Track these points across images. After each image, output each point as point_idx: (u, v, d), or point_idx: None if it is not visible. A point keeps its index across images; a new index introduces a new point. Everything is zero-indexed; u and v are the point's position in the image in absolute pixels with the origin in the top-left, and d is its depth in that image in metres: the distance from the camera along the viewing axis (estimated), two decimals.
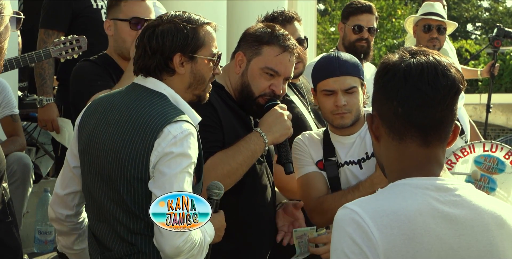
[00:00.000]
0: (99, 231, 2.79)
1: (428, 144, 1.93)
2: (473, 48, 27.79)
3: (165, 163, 2.61)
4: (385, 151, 1.99)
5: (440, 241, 1.84)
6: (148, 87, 2.78)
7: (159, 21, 2.81)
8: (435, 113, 1.92)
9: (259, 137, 3.15)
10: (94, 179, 2.76)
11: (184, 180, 2.62)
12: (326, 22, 29.52)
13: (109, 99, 2.84)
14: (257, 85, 3.25)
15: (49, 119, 4.83)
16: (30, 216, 5.63)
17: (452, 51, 6.63)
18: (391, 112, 1.93)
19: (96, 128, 2.79)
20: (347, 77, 3.29)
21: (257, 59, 3.25)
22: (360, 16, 5.00)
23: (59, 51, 4.38)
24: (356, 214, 1.84)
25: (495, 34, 6.96)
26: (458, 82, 1.93)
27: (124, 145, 2.68)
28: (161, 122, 2.65)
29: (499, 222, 1.91)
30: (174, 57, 2.77)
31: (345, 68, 3.29)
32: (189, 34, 2.78)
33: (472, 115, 17.89)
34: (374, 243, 1.81)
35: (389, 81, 1.94)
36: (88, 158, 2.80)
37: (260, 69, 3.24)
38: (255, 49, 3.26)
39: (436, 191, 1.89)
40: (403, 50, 1.98)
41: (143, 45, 2.79)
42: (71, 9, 4.83)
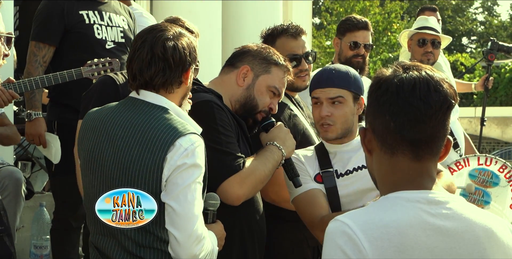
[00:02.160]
0: (103, 245, 2.77)
1: (420, 158, 1.95)
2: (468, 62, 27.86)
3: (178, 174, 2.64)
4: (377, 164, 2.01)
5: (431, 253, 1.85)
6: (149, 102, 2.78)
7: (170, 34, 2.79)
8: (427, 128, 1.93)
9: (278, 149, 3.29)
10: (98, 193, 2.74)
11: (196, 190, 2.67)
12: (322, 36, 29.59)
13: (107, 114, 2.82)
14: (263, 101, 3.38)
15: (36, 133, 4.81)
16: (25, 230, 5.62)
17: (446, 65, 6.65)
18: (383, 126, 1.95)
19: (98, 145, 2.78)
20: (333, 89, 3.32)
21: (266, 77, 3.39)
22: (357, 32, 5.02)
23: (91, 72, 4.42)
24: (347, 227, 1.85)
25: (489, 48, 6.98)
26: (450, 97, 1.95)
27: (132, 160, 2.68)
28: (172, 136, 2.66)
29: (490, 235, 1.92)
30: (189, 70, 2.81)
31: (331, 80, 3.33)
32: (195, 48, 2.85)
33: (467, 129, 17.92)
34: (364, 255, 1.82)
35: (381, 95, 1.95)
36: (91, 174, 2.80)
37: (267, 86, 3.38)
38: (264, 67, 3.39)
39: (427, 204, 1.90)
40: (397, 64, 2.00)
41: (164, 58, 2.75)
42: (63, 23, 4.82)
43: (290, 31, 3.89)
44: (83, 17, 4.83)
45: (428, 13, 6.98)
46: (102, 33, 4.83)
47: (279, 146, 3.29)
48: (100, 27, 4.82)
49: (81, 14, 4.84)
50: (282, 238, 3.67)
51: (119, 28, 4.91)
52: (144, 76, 2.77)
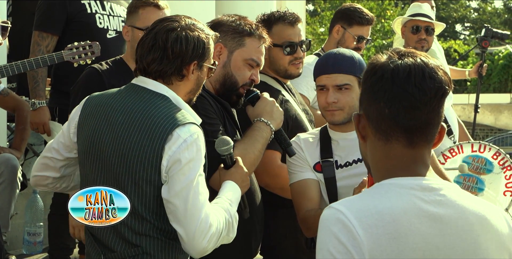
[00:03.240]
0: (99, 231, 2.77)
1: (414, 144, 1.95)
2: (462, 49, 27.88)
3: (180, 170, 2.64)
4: (371, 151, 2.01)
5: (424, 240, 1.86)
6: (150, 89, 2.79)
7: (179, 25, 2.80)
8: (422, 115, 1.93)
9: (266, 125, 3.27)
10: (98, 180, 2.76)
11: (199, 184, 2.67)
12: (316, 22, 29.55)
13: (108, 100, 2.82)
14: (242, 75, 3.33)
15: (41, 122, 4.86)
16: (18, 217, 5.62)
17: (440, 52, 6.66)
18: (378, 113, 1.95)
19: (98, 130, 2.78)
20: (340, 75, 3.27)
21: (240, 51, 3.33)
22: (365, 27, 5.01)
23: (71, 55, 4.42)
24: (341, 214, 1.85)
25: (483, 35, 6.99)
26: (445, 84, 1.95)
27: (131, 147, 2.68)
28: (170, 125, 2.66)
29: (483, 222, 1.93)
30: (191, 64, 2.80)
31: (338, 66, 3.28)
32: (206, 44, 2.83)
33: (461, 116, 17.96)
34: (359, 242, 1.82)
35: (376, 82, 1.95)
36: (91, 160, 2.80)
37: (244, 60, 3.33)
38: (238, 41, 3.34)
39: (421, 191, 1.91)
40: (392, 51, 1.99)
41: (164, 47, 2.77)
42: (66, 13, 4.84)
43: (288, 19, 3.88)
44: (84, 6, 4.86)
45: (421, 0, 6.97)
46: (104, 22, 4.85)
47: (267, 121, 3.27)
48: (102, 16, 4.85)
49: (83, 4, 4.88)
50: (276, 225, 3.68)
51: (120, 17, 4.94)
52: (143, 62, 2.82)
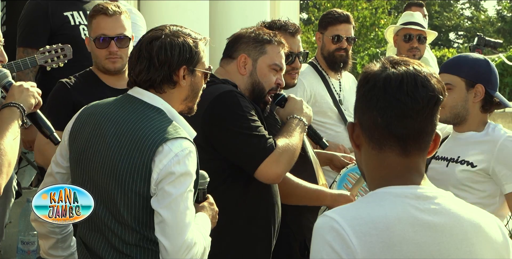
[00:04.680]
0: (90, 240, 2.77)
1: (408, 153, 1.95)
2: None
3: (170, 183, 2.64)
4: (366, 160, 2.01)
5: (419, 249, 1.86)
6: (145, 101, 2.79)
7: (163, 33, 2.81)
8: (414, 123, 1.93)
9: (300, 121, 3.51)
10: (87, 189, 2.75)
11: (188, 198, 2.67)
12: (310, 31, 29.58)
13: (102, 110, 2.82)
14: (268, 81, 3.52)
15: (33, 140, 4.80)
16: (12, 226, 5.60)
17: (433, 60, 6.67)
18: (371, 121, 1.95)
19: (90, 140, 2.78)
20: (445, 74, 3.47)
21: (264, 58, 3.52)
22: (339, 26, 5.02)
23: (44, 59, 4.40)
24: (335, 222, 1.85)
25: (475, 43, 7.00)
26: (438, 92, 1.95)
27: (121, 158, 2.68)
28: (160, 138, 2.66)
29: (478, 230, 1.93)
30: (179, 70, 2.79)
31: (445, 66, 3.55)
32: (192, 48, 2.82)
33: None
34: (353, 250, 1.82)
35: (369, 91, 1.96)
36: (81, 168, 2.80)
37: (268, 66, 3.51)
38: (259, 49, 3.52)
39: (415, 199, 1.91)
40: (385, 59, 2.00)
41: (149, 57, 2.77)
42: (49, 26, 4.77)
43: (289, 28, 3.95)
44: (68, 18, 4.79)
45: (415, 8, 6.99)
46: None
47: (300, 117, 3.51)
48: (86, 27, 4.78)
49: (65, 16, 4.80)
50: None
51: None
52: (132, 74, 2.84)
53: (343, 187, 3.98)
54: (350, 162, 4.12)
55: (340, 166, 4.15)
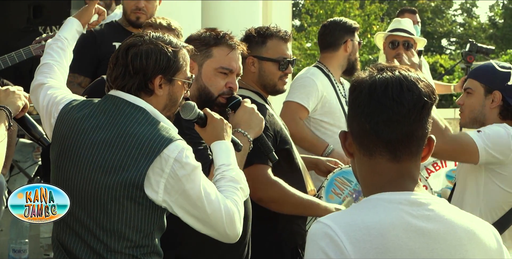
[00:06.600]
0: (69, 243, 2.71)
1: (398, 158, 1.95)
2: (448, 63, 27.97)
3: (185, 186, 2.64)
4: (359, 167, 2.01)
5: (413, 255, 1.85)
6: (128, 100, 2.75)
7: (141, 40, 2.77)
8: (402, 127, 1.93)
9: (243, 136, 3.15)
10: (71, 194, 2.70)
11: (206, 187, 2.68)
12: (302, 38, 29.62)
13: (85, 112, 2.77)
14: (215, 85, 3.31)
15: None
16: (4, 234, 5.58)
17: (425, 66, 6.68)
18: (359, 128, 1.96)
19: (75, 142, 2.73)
20: (469, 79, 3.60)
21: (209, 62, 3.33)
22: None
23: (40, 49, 4.36)
24: (329, 228, 1.85)
25: (468, 50, 7.03)
26: (425, 96, 1.94)
27: (115, 166, 2.64)
28: (157, 146, 2.63)
29: (472, 237, 1.93)
30: (155, 79, 2.75)
31: (470, 72, 3.73)
32: (171, 57, 2.76)
33: None
34: (346, 257, 1.82)
35: (356, 98, 1.97)
36: (64, 171, 2.75)
37: (214, 70, 3.32)
38: (204, 53, 3.33)
39: (409, 206, 1.91)
40: (372, 66, 2.01)
41: (125, 63, 2.74)
42: (97, 56, 4.90)
43: (283, 35, 3.92)
44: (115, 48, 4.84)
45: (407, 15, 7.01)
46: None
47: (244, 132, 3.16)
48: None
49: (113, 46, 4.89)
50: (260, 239, 3.66)
51: None
52: (108, 79, 2.82)
53: (331, 191, 3.96)
54: (336, 165, 4.11)
55: (326, 170, 4.12)
